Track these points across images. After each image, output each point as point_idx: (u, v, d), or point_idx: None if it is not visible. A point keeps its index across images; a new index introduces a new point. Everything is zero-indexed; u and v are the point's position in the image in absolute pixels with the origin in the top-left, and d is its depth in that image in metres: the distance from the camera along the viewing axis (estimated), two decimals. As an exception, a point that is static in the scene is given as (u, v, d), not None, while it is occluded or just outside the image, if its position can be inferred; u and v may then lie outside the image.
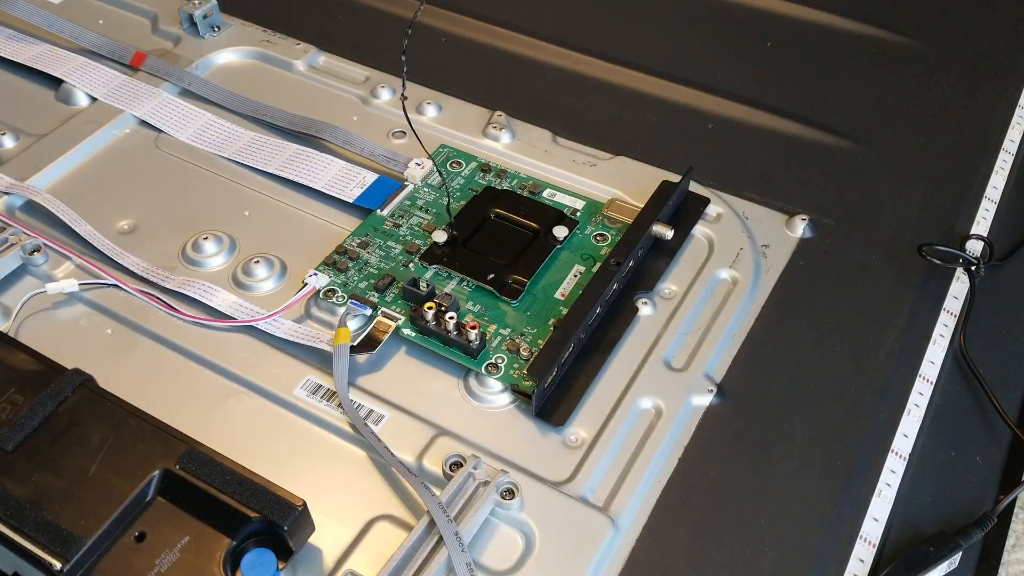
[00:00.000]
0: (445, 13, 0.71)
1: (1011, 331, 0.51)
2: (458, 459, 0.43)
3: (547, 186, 0.56)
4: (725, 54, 0.69)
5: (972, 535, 0.42)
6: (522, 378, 0.46)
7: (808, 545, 0.42)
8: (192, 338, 0.49)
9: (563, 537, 0.41)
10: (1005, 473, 0.45)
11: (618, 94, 0.65)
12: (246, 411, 0.46)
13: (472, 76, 0.66)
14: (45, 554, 0.36)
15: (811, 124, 0.62)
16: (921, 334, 0.50)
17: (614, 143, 0.60)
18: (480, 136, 0.61)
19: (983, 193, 0.58)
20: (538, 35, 0.70)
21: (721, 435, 0.46)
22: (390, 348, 0.48)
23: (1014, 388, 0.49)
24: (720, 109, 0.64)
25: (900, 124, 0.62)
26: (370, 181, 0.56)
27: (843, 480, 0.44)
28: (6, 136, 0.59)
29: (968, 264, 0.52)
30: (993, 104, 0.64)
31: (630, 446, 0.45)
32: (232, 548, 0.38)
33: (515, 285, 0.50)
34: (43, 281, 0.51)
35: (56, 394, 0.41)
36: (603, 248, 0.53)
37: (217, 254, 0.53)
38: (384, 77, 0.65)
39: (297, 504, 0.38)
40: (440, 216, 0.54)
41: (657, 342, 0.49)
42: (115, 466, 0.39)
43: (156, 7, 0.70)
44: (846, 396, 0.47)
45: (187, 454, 0.39)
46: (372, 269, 0.51)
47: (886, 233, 0.55)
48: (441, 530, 0.39)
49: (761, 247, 0.54)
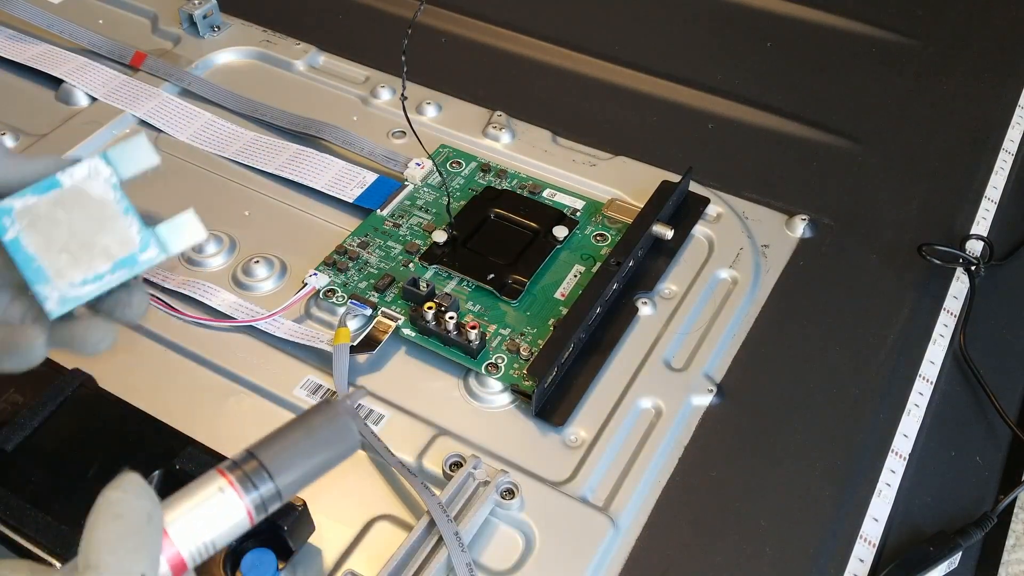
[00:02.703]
0: (445, 13, 0.71)
1: (1011, 331, 0.51)
2: (458, 459, 0.43)
3: (547, 186, 0.56)
4: (725, 54, 0.69)
5: (972, 535, 0.42)
6: (522, 378, 0.46)
7: (808, 545, 0.42)
8: (192, 338, 0.49)
9: (563, 537, 0.41)
10: (1005, 473, 0.45)
11: (618, 94, 0.65)
12: (246, 411, 0.46)
13: (472, 76, 0.66)
14: (45, 554, 0.36)
15: (811, 124, 0.62)
16: (921, 334, 0.50)
17: (614, 143, 0.60)
18: (480, 136, 0.61)
19: (983, 193, 0.58)
20: (538, 35, 0.70)
21: (721, 435, 0.46)
22: (390, 348, 0.48)
23: (1014, 388, 0.49)
24: (720, 109, 0.64)
25: (900, 124, 0.62)
26: (370, 181, 0.56)
27: (843, 480, 0.44)
28: (6, 136, 0.59)
29: (968, 264, 0.52)
30: (993, 104, 0.64)
31: (630, 446, 0.45)
32: (232, 548, 0.38)
33: (515, 285, 0.50)
34: (43, 281, 0.50)
35: (56, 394, 0.41)
36: (603, 248, 0.53)
37: (217, 254, 0.53)
38: (384, 77, 0.65)
39: (297, 504, 0.38)
40: (440, 216, 0.54)
41: (657, 342, 0.49)
42: (115, 466, 0.39)
43: (156, 7, 0.70)
44: (846, 396, 0.47)
45: (187, 454, 0.39)
46: (372, 269, 0.51)
47: (886, 233, 0.55)
48: (441, 530, 0.39)
49: (761, 247, 0.54)
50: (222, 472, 0.29)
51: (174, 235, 0.32)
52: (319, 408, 0.32)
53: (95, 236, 0.31)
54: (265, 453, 0.30)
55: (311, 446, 0.31)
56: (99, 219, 0.31)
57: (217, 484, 0.29)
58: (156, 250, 0.32)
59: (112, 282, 0.31)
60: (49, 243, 0.31)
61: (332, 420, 0.31)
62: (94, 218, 0.31)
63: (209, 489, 0.29)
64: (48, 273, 0.31)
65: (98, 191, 0.32)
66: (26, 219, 0.31)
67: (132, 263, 0.32)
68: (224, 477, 0.29)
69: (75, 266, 0.31)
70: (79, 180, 0.31)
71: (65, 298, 0.31)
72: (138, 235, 0.32)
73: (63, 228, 0.31)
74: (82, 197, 0.31)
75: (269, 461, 0.30)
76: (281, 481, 0.30)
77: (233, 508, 0.29)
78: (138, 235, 0.32)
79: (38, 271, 0.31)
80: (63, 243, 0.31)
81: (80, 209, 0.31)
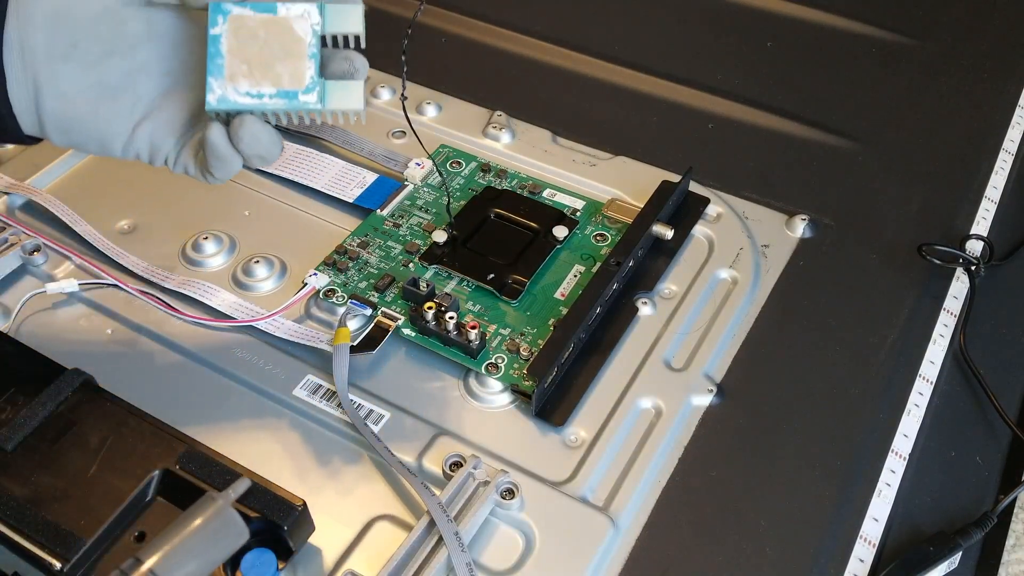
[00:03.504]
0: (445, 13, 0.71)
1: (1011, 331, 0.51)
2: (458, 459, 0.43)
3: (547, 186, 0.56)
4: (725, 54, 0.69)
5: (972, 535, 0.42)
6: (522, 378, 0.46)
7: (808, 545, 0.42)
8: (192, 338, 0.49)
9: (563, 537, 0.41)
10: (1005, 473, 0.45)
11: (618, 94, 0.65)
12: (246, 411, 0.46)
13: (472, 76, 0.66)
14: (45, 554, 0.36)
15: (811, 124, 0.62)
16: (921, 334, 0.50)
17: (614, 143, 0.60)
18: (480, 136, 0.61)
19: (983, 193, 0.58)
20: (538, 35, 0.70)
21: (721, 435, 0.46)
22: (390, 348, 0.48)
23: (1014, 388, 0.49)
24: (720, 109, 0.64)
25: (900, 124, 0.62)
26: (370, 181, 0.56)
27: (843, 480, 0.44)
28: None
29: (968, 264, 0.52)
30: (993, 104, 0.64)
31: (630, 446, 0.45)
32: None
33: (515, 285, 0.50)
34: (43, 281, 0.51)
35: (56, 394, 0.41)
36: (603, 248, 0.53)
37: (217, 254, 0.53)
38: (384, 77, 0.65)
39: (297, 504, 0.38)
40: (440, 216, 0.54)
41: (657, 342, 0.49)
42: (115, 466, 0.39)
43: (156, 7, 0.70)
44: (846, 396, 0.47)
45: (187, 454, 0.39)
46: (372, 269, 0.51)
47: (886, 233, 0.55)
48: (441, 530, 0.39)
49: (761, 247, 0.54)
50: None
51: (337, 94, 0.37)
52: (204, 504, 0.32)
53: (276, 62, 0.36)
54: (155, 559, 0.30)
55: (199, 544, 0.31)
56: (287, 51, 0.36)
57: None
58: (315, 97, 0.37)
59: (267, 105, 0.37)
60: (239, 50, 0.36)
61: (218, 514, 0.32)
62: (284, 49, 0.36)
63: None
64: (225, 72, 0.36)
65: (300, 30, 0.36)
66: (235, 24, 0.36)
67: (292, 97, 0.37)
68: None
69: (247, 77, 0.36)
70: (292, 14, 0.36)
71: (224, 98, 0.36)
72: (309, 79, 0.37)
73: (257, 44, 0.36)
74: (286, 28, 0.36)
75: (159, 567, 0.30)
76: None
77: None
78: (309, 79, 0.37)
79: (219, 67, 0.36)
80: (249, 56, 0.36)
81: (278, 36, 0.36)
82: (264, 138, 0.38)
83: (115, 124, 0.39)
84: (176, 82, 0.39)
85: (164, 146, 0.39)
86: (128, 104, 0.38)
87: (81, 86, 0.38)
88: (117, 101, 0.38)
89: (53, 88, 0.37)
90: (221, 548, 0.31)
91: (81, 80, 0.37)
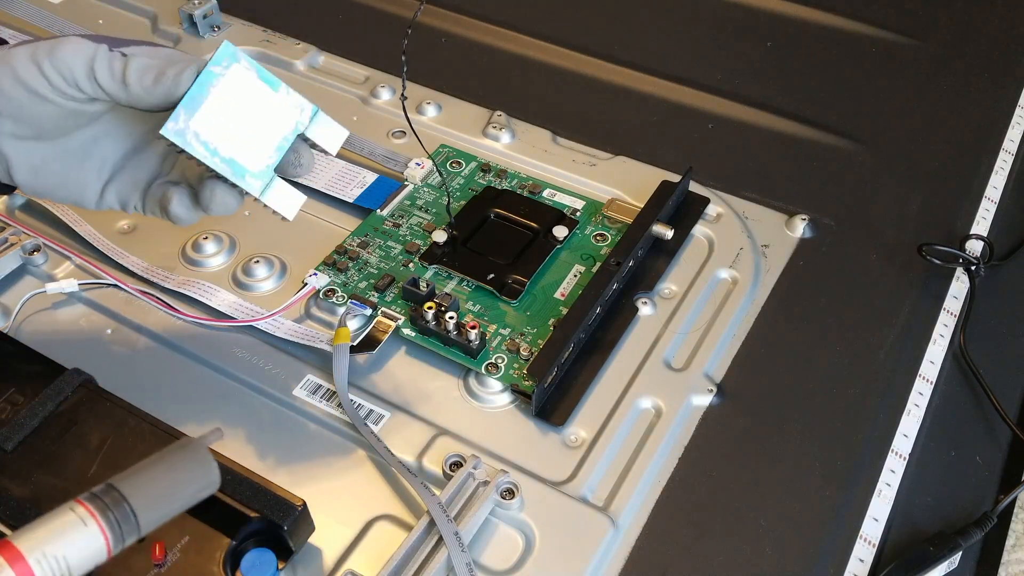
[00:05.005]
0: (445, 13, 0.71)
1: (1011, 331, 0.51)
2: (458, 459, 0.43)
3: (547, 186, 0.56)
4: (725, 54, 0.69)
5: (972, 535, 0.42)
6: (522, 378, 0.46)
7: (808, 545, 0.42)
8: (192, 338, 0.49)
9: (563, 537, 0.41)
10: (1005, 473, 0.45)
11: (618, 94, 0.65)
12: (246, 411, 0.46)
13: (472, 76, 0.66)
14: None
15: (811, 124, 0.62)
16: (921, 334, 0.50)
17: (614, 143, 0.60)
18: (480, 136, 0.61)
19: (983, 193, 0.58)
20: (538, 35, 0.70)
21: (721, 435, 0.46)
22: (390, 348, 0.48)
23: (1014, 388, 0.49)
24: (720, 109, 0.64)
25: (900, 124, 0.62)
26: (370, 181, 0.56)
27: (843, 480, 0.44)
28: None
29: (968, 264, 0.52)
30: (993, 104, 0.64)
31: (630, 446, 0.45)
32: (232, 548, 0.38)
33: (515, 285, 0.50)
34: (43, 281, 0.51)
35: (56, 394, 0.41)
36: (603, 248, 0.53)
37: (217, 254, 0.53)
38: (384, 77, 0.65)
39: (297, 504, 0.38)
40: (440, 216, 0.54)
41: (657, 342, 0.49)
42: (115, 466, 0.39)
43: (156, 7, 0.70)
44: (846, 396, 0.47)
45: (187, 454, 0.39)
46: (372, 269, 0.51)
47: (886, 233, 0.55)
48: (441, 530, 0.39)
49: (761, 247, 0.54)
50: (81, 502, 0.30)
51: (279, 194, 0.40)
52: (180, 444, 0.32)
53: (246, 134, 0.38)
54: (125, 485, 0.30)
55: (171, 481, 0.31)
56: (263, 131, 0.38)
57: (78, 513, 0.29)
58: (259, 185, 0.39)
59: (213, 163, 0.37)
60: (222, 102, 0.37)
61: (193, 456, 0.32)
62: (262, 127, 0.38)
63: (68, 517, 0.29)
64: (197, 113, 0.37)
65: (287, 119, 0.38)
66: (234, 76, 0.37)
67: (239, 172, 0.38)
68: (84, 507, 0.29)
69: (212, 129, 0.37)
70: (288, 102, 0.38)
71: (182, 135, 0.37)
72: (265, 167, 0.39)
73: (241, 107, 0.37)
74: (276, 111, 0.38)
75: (130, 493, 0.30)
76: (142, 515, 0.30)
77: (92, 537, 0.29)
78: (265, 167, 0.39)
79: (195, 104, 0.36)
80: (227, 112, 0.37)
81: (264, 113, 0.38)
82: (232, 203, 0.40)
83: (85, 189, 0.41)
84: (139, 141, 0.41)
85: (132, 199, 0.41)
86: (95, 168, 0.40)
87: (48, 158, 0.40)
88: (84, 167, 0.40)
89: (24, 163, 0.39)
90: (193, 489, 0.32)
91: (48, 152, 0.40)
